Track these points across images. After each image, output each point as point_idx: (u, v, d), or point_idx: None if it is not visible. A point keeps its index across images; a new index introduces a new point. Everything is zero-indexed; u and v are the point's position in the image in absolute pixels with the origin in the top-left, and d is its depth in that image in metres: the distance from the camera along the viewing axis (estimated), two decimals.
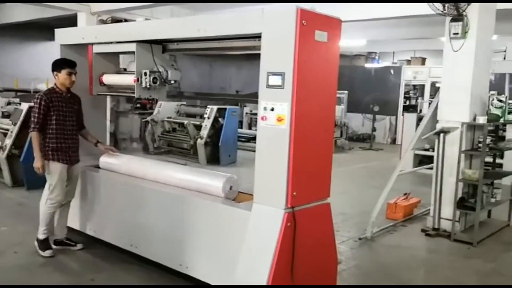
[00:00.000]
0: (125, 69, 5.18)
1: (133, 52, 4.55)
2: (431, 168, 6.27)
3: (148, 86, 4.56)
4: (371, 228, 5.62)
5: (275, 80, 3.33)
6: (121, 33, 4.67)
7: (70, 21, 10.19)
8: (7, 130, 7.64)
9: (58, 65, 4.65)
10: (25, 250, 4.80)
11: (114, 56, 5.17)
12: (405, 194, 6.81)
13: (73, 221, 5.06)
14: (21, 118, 7.42)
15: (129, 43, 4.52)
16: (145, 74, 4.54)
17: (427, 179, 7.39)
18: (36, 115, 4.50)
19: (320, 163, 3.59)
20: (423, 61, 17.59)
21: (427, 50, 17.92)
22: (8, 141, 7.43)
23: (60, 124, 4.58)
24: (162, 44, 4.67)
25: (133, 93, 4.63)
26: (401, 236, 5.91)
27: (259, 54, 3.47)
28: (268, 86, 3.36)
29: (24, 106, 7.56)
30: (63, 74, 4.60)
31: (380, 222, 5.98)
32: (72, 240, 4.90)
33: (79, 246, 4.87)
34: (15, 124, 7.49)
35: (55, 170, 4.56)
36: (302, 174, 3.40)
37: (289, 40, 3.22)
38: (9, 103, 8.80)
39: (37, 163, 4.51)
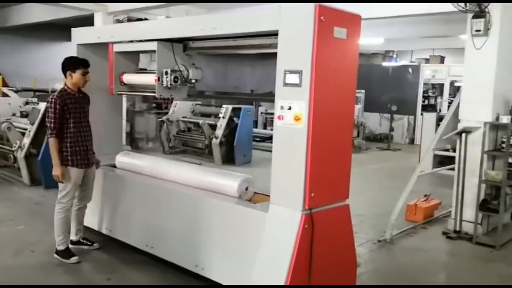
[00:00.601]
0: (141, 69, 5.11)
1: (154, 51, 4.43)
2: (452, 169, 6.12)
3: (169, 86, 4.43)
4: (391, 230, 5.49)
5: (292, 78, 3.25)
6: (137, 32, 4.63)
7: (87, 21, 10.24)
8: (25, 129, 7.69)
9: (72, 65, 4.49)
10: (42, 249, 4.81)
11: (134, 55, 5.04)
12: (425, 195, 6.66)
13: (89, 220, 5.04)
14: (39, 117, 7.48)
15: (151, 42, 4.41)
16: (166, 73, 4.42)
17: (448, 180, 7.21)
18: (52, 120, 4.33)
19: (338, 163, 3.49)
20: (442, 59, 17.32)
21: (446, 49, 17.65)
22: (26, 140, 7.48)
23: (77, 126, 4.46)
24: (183, 43, 4.56)
25: (154, 92, 4.50)
26: (421, 238, 5.78)
27: (273, 53, 3.39)
28: (285, 84, 3.28)
29: (42, 106, 7.60)
30: (77, 74, 4.46)
31: (399, 224, 5.85)
32: (89, 240, 4.88)
33: (95, 245, 4.84)
34: (33, 124, 7.54)
35: (70, 176, 4.44)
36: (320, 174, 3.31)
37: (307, 37, 3.13)
38: (27, 103, 8.89)
39: (56, 171, 4.34)
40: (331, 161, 3.40)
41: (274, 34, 3.40)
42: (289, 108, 3.27)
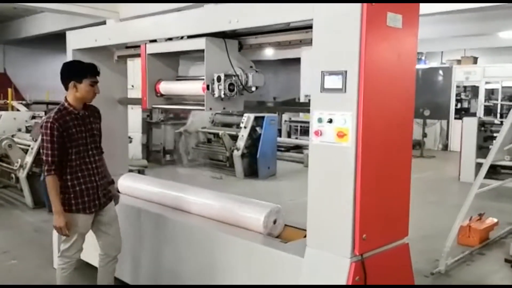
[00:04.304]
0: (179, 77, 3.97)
1: (200, 51, 3.31)
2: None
3: (222, 96, 3.23)
4: (445, 260, 4.61)
5: (333, 82, 2.44)
6: (135, 32, 3.88)
7: None
8: (29, 145, 7.07)
9: (77, 72, 3.28)
10: None
11: (173, 59, 3.90)
12: (479, 214, 5.73)
13: (88, 255, 4.27)
14: None
15: (197, 38, 3.30)
16: (218, 79, 3.21)
17: (497, 192, 6.27)
18: (50, 151, 3.12)
19: (396, 192, 2.68)
20: (475, 60, 16.29)
21: (479, 49, 16.63)
22: (29, 159, 6.84)
23: (82, 157, 3.27)
24: (238, 39, 3.43)
25: (202, 105, 3.35)
26: (481, 268, 4.86)
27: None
28: (324, 89, 2.48)
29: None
30: (85, 86, 3.26)
31: (451, 249, 4.93)
32: None
33: None
34: (35, 140, 6.90)
35: (75, 223, 3.27)
36: (374, 209, 2.49)
37: (352, 26, 2.34)
38: (33, 117, 8.31)
39: (58, 222, 3.16)
40: (387, 190, 2.59)
41: (308, 26, 2.63)
42: (330, 121, 2.47)
